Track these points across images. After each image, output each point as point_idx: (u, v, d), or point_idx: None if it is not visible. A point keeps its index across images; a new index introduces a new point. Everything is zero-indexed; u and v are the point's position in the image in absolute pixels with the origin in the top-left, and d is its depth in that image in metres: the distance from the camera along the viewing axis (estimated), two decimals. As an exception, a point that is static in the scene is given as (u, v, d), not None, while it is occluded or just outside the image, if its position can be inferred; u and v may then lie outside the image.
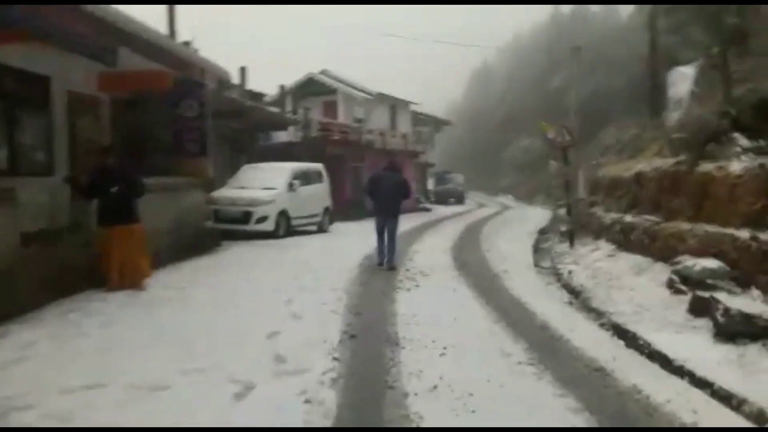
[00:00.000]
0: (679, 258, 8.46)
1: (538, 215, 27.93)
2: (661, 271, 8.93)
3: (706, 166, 8.99)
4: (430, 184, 42.68)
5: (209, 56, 11.78)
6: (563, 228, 17.04)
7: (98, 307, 6.38)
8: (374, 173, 11.78)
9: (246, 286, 7.93)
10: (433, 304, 7.30)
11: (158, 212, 9.64)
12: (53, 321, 5.80)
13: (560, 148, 14.49)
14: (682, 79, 13.85)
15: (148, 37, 8.74)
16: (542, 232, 19.71)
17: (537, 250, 14.86)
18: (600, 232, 13.34)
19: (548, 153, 50.30)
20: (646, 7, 42.43)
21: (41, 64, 8.84)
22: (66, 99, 9.73)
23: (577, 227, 14.17)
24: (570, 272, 10.52)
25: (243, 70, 19.00)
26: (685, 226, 9.07)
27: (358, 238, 14.80)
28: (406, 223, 14.19)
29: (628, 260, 10.36)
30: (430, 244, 14.55)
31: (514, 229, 20.02)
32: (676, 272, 8.19)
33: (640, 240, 10.56)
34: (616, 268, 10.09)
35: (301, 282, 8.39)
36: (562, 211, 28.96)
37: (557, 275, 10.75)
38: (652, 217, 10.49)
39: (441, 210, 30.47)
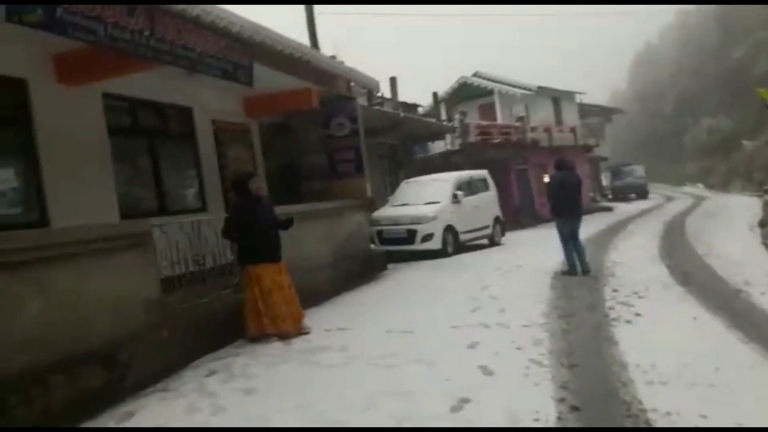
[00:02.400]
0: None
1: (745, 204, 23.59)
2: None
3: None
4: (605, 180, 38.92)
5: (355, 67, 10.71)
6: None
7: (243, 366, 5.30)
8: (551, 175, 10.14)
9: (418, 325, 6.48)
10: (672, 344, 5.29)
11: (317, 241, 8.65)
12: (192, 387, 4.79)
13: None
14: None
15: (283, 48, 7.76)
16: (762, 224, 16.22)
17: (769, 249, 11.79)
18: None
19: (740, 132, 44.67)
20: None
21: (179, 94, 8.30)
22: (211, 129, 9.20)
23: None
24: None
25: (393, 81, 18.06)
26: None
27: (536, 249, 12.98)
28: (587, 227, 12.02)
29: None
30: (630, 250, 12.18)
31: (724, 224, 16.65)
32: None
33: None
34: None
35: (485, 315, 6.78)
36: (775, 197, 24.60)
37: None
38: None
39: (624, 208, 27.11)
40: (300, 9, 12.80)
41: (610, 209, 26.23)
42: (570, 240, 9.57)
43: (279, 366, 5.25)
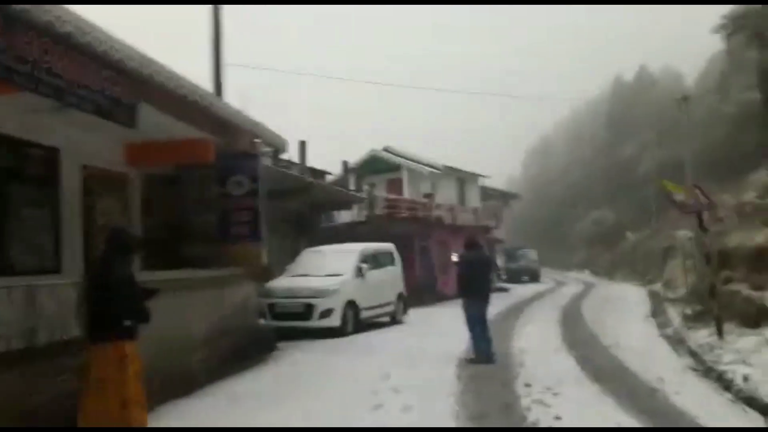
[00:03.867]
0: None
1: (632, 293, 24.58)
2: None
3: None
4: (500, 262, 39.77)
5: (262, 121, 9.82)
6: (688, 310, 13.99)
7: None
8: (461, 254, 9.66)
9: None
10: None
11: (194, 315, 7.37)
12: None
13: (694, 213, 11.61)
14: None
15: (176, 87, 6.73)
16: (654, 314, 16.61)
17: (669, 341, 11.76)
18: (759, 318, 10.25)
19: (624, 224, 47.88)
20: (714, 71, 40.00)
21: (44, 131, 6.98)
22: (80, 175, 7.85)
23: (715, 310, 11.01)
24: (746, 378, 7.54)
25: (303, 145, 17.34)
26: None
27: (440, 330, 12.32)
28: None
29: None
30: (534, 337, 11.75)
31: (618, 312, 16.90)
32: None
33: None
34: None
35: (386, 415, 5.80)
36: (657, 287, 25.84)
37: (722, 381, 7.77)
38: None
39: (519, 290, 27.37)
40: (207, 58, 11.82)
41: (506, 290, 26.40)
42: (477, 324, 9.03)
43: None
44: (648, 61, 59.72)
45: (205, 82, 11.24)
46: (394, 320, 13.90)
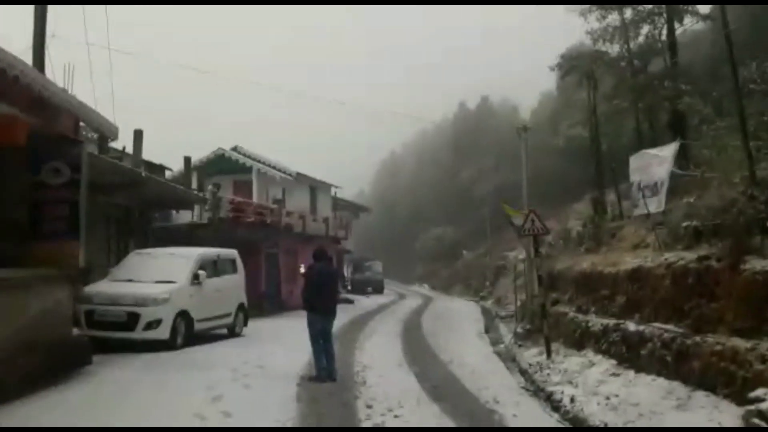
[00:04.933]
0: (760, 392, 6.11)
1: (467, 309, 25.89)
2: (717, 407, 6.60)
3: (760, 263, 6.87)
4: (347, 272, 39.94)
5: (88, 102, 8.59)
6: (519, 329, 14.75)
7: None
8: (310, 265, 9.22)
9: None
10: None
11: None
12: None
13: (529, 235, 12.23)
14: (657, 162, 12.29)
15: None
16: (487, 330, 17.41)
17: (501, 358, 12.21)
18: (583, 339, 10.97)
19: (461, 242, 50.59)
20: (550, 105, 44.25)
21: None
22: None
23: (545, 330, 11.66)
24: (572, 399, 7.93)
25: (138, 134, 15.70)
26: (741, 342, 6.77)
27: (281, 343, 11.76)
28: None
29: (651, 385, 7.99)
30: (376, 352, 11.63)
31: (455, 328, 17.50)
32: (761, 414, 5.88)
33: (659, 357, 8.22)
34: (640, 396, 7.64)
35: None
36: (489, 304, 27.39)
37: (552, 401, 8.13)
38: (671, 327, 8.24)
39: (364, 302, 27.52)
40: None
41: (351, 302, 26.34)
42: (321, 339, 8.62)
43: None
44: (489, 91, 63.99)
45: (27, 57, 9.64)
46: (233, 333, 12.97)
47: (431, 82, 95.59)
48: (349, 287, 36.81)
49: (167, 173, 20.84)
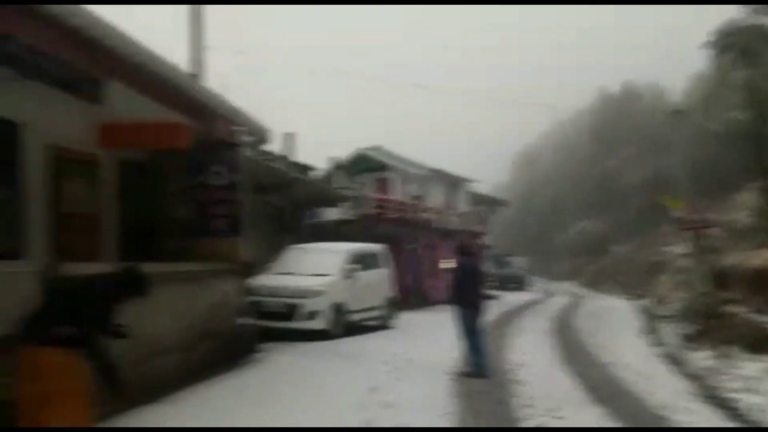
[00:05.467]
0: None
1: (621, 307, 24.16)
2: None
3: None
4: (488, 268, 39.33)
5: (244, 108, 9.11)
6: (684, 330, 13.52)
7: None
8: (459, 261, 9.10)
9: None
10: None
11: (166, 314, 6.66)
12: None
13: (692, 229, 11.16)
14: None
15: (143, 62, 6.01)
16: (648, 331, 16.15)
17: (667, 360, 11.24)
18: (761, 343, 9.82)
19: (607, 236, 47.68)
20: (698, 89, 39.97)
21: (4, 104, 6.26)
22: (46, 155, 7.11)
23: (717, 333, 10.54)
24: (762, 410, 7.05)
25: (289, 137, 16.61)
26: None
27: (430, 337, 11.72)
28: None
29: None
30: (528, 350, 11.19)
31: (610, 327, 16.36)
32: None
33: None
34: None
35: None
36: (645, 302, 25.43)
37: (730, 409, 7.27)
38: None
39: (508, 298, 26.83)
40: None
41: (495, 298, 25.83)
42: (471, 335, 8.44)
43: None
44: (633, 75, 59.67)
45: (186, 65, 10.53)
46: (384, 325, 13.26)
47: (566, 66, 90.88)
48: (492, 284, 36.22)
49: (314, 172, 21.81)
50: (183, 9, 11.27)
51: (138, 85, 6.27)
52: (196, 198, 9.02)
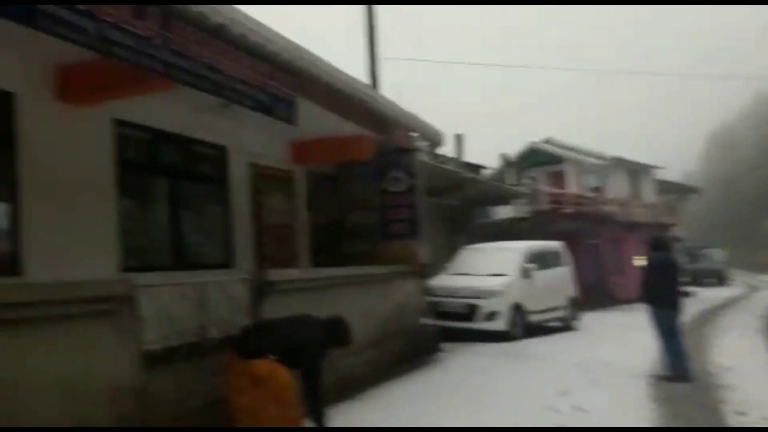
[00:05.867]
0: None
1: None
2: None
3: None
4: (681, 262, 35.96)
5: (418, 114, 9.38)
6: None
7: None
8: (651, 256, 8.43)
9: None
10: None
11: (358, 314, 7.08)
12: None
13: None
14: None
15: (332, 81, 6.47)
16: None
17: None
18: None
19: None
20: None
21: (212, 130, 7.11)
22: (248, 173, 7.97)
23: None
24: None
25: (459, 138, 16.75)
26: None
27: (620, 338, 11.05)
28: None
29: None
30: (734, 351, 10.04)
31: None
32: None
33: None
34: None
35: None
36: None
37: None
38: None
39: (706, 294, 24.35)
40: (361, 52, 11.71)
41: (691, 294, 23.55)
42: (669, 336, 7.81)
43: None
44: None
45: (361, 77, 11.14)
46: (567, 326, 12.80)
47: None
48: (686, 279, 33.12)
49: (484, 171, 21.71)
50: (355, 24, 12.00)
51: (324, 102, 6.77)
52: (377, 204, 9.49)
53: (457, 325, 10.74)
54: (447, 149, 17.03)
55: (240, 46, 5.23)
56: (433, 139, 10.57)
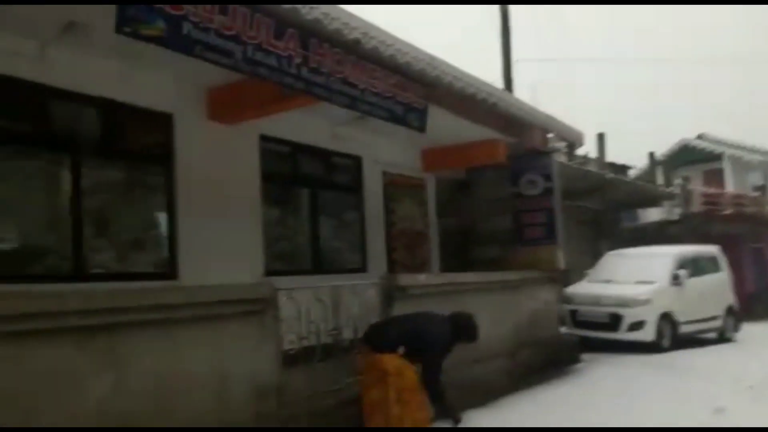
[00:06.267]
0: None
1: None
2: None
3: None
4: None
5: (555, 115, 9.07)
6: None
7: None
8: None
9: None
10: None
11: (491, 322, 7.00)
12: None
13: None
14: None
15: (463, 87, 6.46)
16: None
17: None
18: None
19: None
20: None
21: (348, 141, 7.43)
22: (381, 181, 8.20)
23: None
24: None
25: (600, 138, 15.91)
26: None
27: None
28: None
29: None
30: None
31: None
32: None
33: None
34: None
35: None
36: None
37: None
38: None
39: None
40: (494, 57, 11.60)
41: None
42: None
43: None
44: None
45: (493, 80, 10.99)
46: (723, 337, 11.65)
47: None
48: None
49: (630, 172, 20.46)
50: (488, 28, 11.87)
51: (456, 108, 6.81)
52: (511, 208, 9.33)
53: (598, 335, 10.19)
54: (588, 150, 16.31)
55: (373, 59, 5.41)
56: (572, 139, 10.18)
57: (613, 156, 18.79)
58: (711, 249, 12.37)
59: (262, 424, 4.07)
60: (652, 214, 18.86)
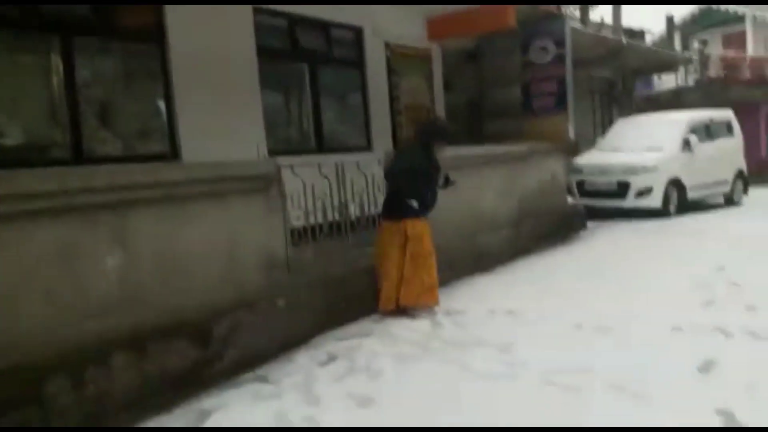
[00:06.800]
0: None
1: None
2: None
3: None
4: None
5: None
6: None
7: (370, 355, 4.05)
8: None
9: (620, 320, 4.66)
10: None
11: (496, 193, 7.07)
12: (296, 382, 3.66)
13: None
14: None
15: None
16: None
17: None
18: None
19: None
20: None
21: (348, 11, 7.11)
22: (384, 54, 7.94)
23: None
24: None
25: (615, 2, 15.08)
26: None
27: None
28: None
29: None
30: None
31: None
32: None
33: None
34: None
35: (722, 312, 4.74)
36: None
37: None
38: None
39: None
40: None
41: None
42: None
43: (414, 363, 3.94)
44: None
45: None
46: (730, 201, 11.73)
47: None
48: None
49: (647, 37, 19.60)
50: None
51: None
52: (521, 77, 9.08)
53: (606, 204, 10.27)
54: (603, 15, 15.52)
55: None
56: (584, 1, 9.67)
57: (629, 21, 17.92)
58: (725, 113, 12.08)
59: (275, 291, 4.25)
60: (667, 82, 18.32)
